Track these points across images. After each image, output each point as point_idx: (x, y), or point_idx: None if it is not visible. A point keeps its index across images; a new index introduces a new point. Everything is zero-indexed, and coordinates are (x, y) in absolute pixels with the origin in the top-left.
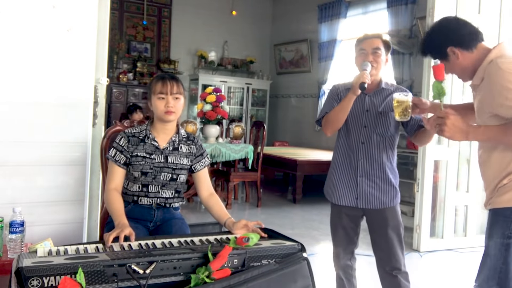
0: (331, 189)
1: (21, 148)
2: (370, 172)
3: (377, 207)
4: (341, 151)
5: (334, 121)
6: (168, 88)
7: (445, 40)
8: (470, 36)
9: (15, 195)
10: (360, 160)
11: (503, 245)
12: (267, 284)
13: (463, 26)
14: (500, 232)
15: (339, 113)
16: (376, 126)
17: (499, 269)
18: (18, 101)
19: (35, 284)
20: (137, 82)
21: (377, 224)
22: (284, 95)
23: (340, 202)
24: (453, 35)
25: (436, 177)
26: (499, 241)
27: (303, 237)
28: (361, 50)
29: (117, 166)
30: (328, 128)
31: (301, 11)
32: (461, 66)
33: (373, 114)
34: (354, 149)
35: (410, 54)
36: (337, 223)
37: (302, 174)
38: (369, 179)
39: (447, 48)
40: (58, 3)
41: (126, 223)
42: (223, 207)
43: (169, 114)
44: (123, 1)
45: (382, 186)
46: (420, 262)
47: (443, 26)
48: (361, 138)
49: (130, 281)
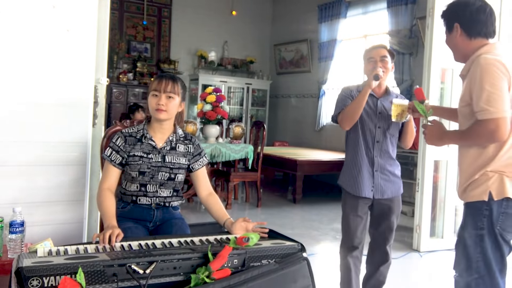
0: (351, 182)
1: (21, 148)
2: (384, 166)
3: (388, 197)
4: (360, 149)
5: (352, 114)
6: (162, 86)
7: (456, 15)
8: (475, 25)
9: (15, 195)
10: (376, 157)
11: (477, 236)
12: (267, 284)
13: (476, 14)
14: (474, 223)
15: (356, 107)
16: (389, 126)
17: (477, 259)
18: (18, 101)
19: (35, 284)
20: (137, 82)
21: (386, 211)
22: (284, 95)
23: (360, 193)
24: (463, 16)
25: (436, 177)
26: (473, 232)
27: (303, 237)
28: (370, 58)
29: (112, 166)
30: (346, 122)
31: (301, 11)
32: (457, 45)
33: (385, 116)
34: (370, 147)
35: (410, 54)
36: (354, 213)
37: (302, 174)
38: (382, 172)
39: (454, 23)
40: (58, 3)
41: (115, 224)
42: (222, 207)
43: (159, 112)
44: (123, 1)
45: (392, 178)
46: (420, 262)
47: (464, 3)
48: (376, 137)
49: (130, 281)
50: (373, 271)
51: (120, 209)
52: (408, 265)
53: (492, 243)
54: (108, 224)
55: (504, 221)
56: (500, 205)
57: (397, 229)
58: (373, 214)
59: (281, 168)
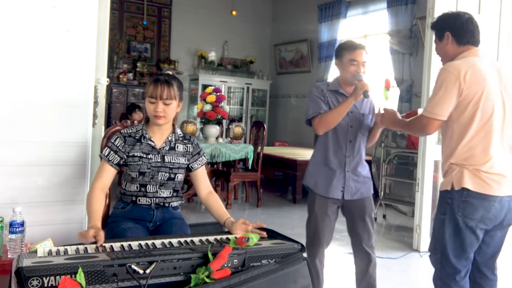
0: (320, 182)
1: (21, 148)
2: (356, 167)
3: (358, 198)
4: (331, 149)
5: (331, 123)
6: (158, 93)
7: (448, 25)
8: (465, 34)
9: (15, 195)
10: (348, 157)
11: (440, 220)
12: (267, 284)
13: (465, 24)
14: (439, 209)
15: (337, 116)
16: (361, 126)
17: (440, 239)
18: (18, 101)
19: (35, 284)
20: (137, 82)
21: (357, 212)
22: (284, 95)
23: (328, 194)
24: (454, 25)
25: (436, 177)
26: (438, 217)
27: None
28: (353, 61)
29: (109, 166)
30: (322, 128)
31: (301, 11)
32: (446, 52)
33: (357, 115)
34: (342, 147)
35: (410, 54)
36: (323, 214)
37: (302, 174)
38: (354, 173)
39: (445, 32)
40: (58, 3)
41: (99, 227)
42: (222, 206)
43: (158, 118)
44: (123, 1)
45: (362, 179)
46: (420, 262)
47: (455, 15)
48: (348, 137)
49: (130, 281)
50: (362, 273)
51: (120, 209)
52: (408, 265)
53: (452, 228)
54: (93, 225)
55: (465, 209)
56: (461, 194)
57: (397, 229)
58: (346, 216)
59: (281, 168)
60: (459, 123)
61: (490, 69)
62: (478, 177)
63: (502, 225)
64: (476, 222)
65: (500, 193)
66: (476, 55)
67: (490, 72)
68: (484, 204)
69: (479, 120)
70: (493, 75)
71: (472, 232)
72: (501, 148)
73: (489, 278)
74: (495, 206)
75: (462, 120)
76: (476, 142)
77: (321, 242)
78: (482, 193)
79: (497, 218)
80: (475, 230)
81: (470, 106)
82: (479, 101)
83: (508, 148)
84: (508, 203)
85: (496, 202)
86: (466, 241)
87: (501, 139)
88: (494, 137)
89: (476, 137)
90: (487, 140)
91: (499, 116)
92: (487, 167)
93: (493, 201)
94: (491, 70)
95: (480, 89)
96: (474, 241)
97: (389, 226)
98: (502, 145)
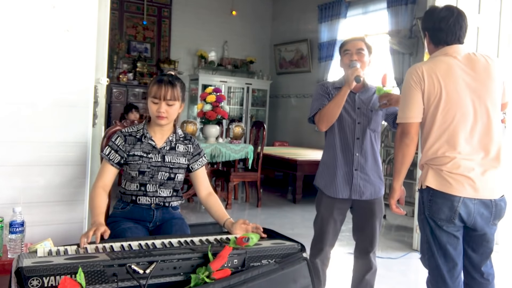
0: (327, 182)
1: (21, 148)
2: (364, 165)
3: (368, 198)
4: (337, 147)
5: (330, 115)
6: (162, 93)
7: (424, 24)
8: (437, 33)
9: (15, 195)
10: (355, 155)
11: (421, 220)
12: (267, 284)
13: (438, 23)
14: (419, 209)
15: (334, 107)
16: (369, 122)
17: (426, 240)
18: (18, 101)
19: (35, 284)
20: (137, 82)
21: (365, 214)
22: (284, 95)
23: (336, 195)
24: (428, 25)
25: None
26: (420, 217)
27: (303, 237)
28: (346, 51)
29: (109, 165)
30: (323, 123)
31: (301, 11)
32: (430, 51)
33: (365, 111)
34: (350, 144)
35: (410, 54)
36: (328, 216)
37: (302, 174)
38: (363, 172)
39: (425, 31)
40: (58, 3)
41: (102, 222)
42: (222, 207)
43: (160, 119)
44: (123, 1)
45: (373, 179)
46: (420, 262)
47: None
48: (356, 134)
49: (130, 281)
50: (359, 279)
51: (120, 210)
52: (408, 265)
53: (429, 228)
54: (95, 221)
55: (431, 207)
56: (428, 193)
57: (397, 229)
58: (354, 218)
59: (281, 168)
60: (424, 124)
61: (463, 71)
62: (440, 176)
63: (477, 231)
64: (444, 222)
65: (462, 194)
66: (447, 54)
67: (460, 73)
68: (448, 204)
69: (441, 123)
70: (463, 76)
71: (444, 231)
72: (473, 152)
73: (478, 281)
74: (460, 208)
75: (426, 121)
76: (439, 145)
77: (323, 243)
78: (444, 192)
79: (467, 222)
80: (447, 229)
81: (431, 108)
82: (438, 105)
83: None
84: (476, 207)
85: (460, 203)
86: (443, 240)
87: (470, 143)
88: (460, 141)
89: (439, 140)
90: (452, 143)
91: (466, 121)
92: (448, 167)
93: (456, 201)
94: (464, 71)
95: (438, 92)
96: (452, 240)
97: (389, 226)
98: (474, 150)
